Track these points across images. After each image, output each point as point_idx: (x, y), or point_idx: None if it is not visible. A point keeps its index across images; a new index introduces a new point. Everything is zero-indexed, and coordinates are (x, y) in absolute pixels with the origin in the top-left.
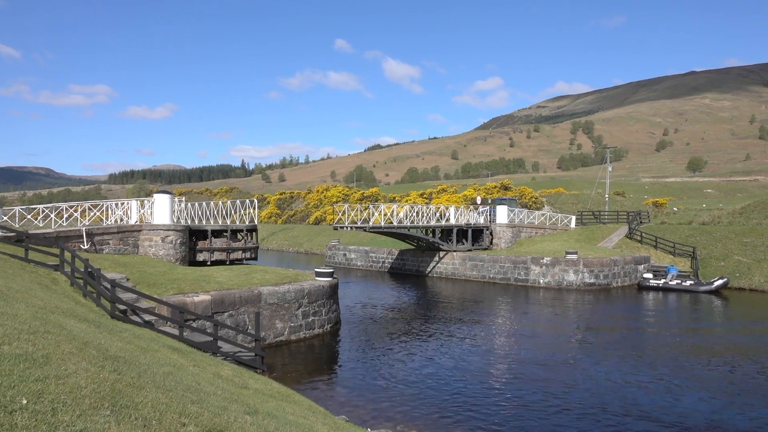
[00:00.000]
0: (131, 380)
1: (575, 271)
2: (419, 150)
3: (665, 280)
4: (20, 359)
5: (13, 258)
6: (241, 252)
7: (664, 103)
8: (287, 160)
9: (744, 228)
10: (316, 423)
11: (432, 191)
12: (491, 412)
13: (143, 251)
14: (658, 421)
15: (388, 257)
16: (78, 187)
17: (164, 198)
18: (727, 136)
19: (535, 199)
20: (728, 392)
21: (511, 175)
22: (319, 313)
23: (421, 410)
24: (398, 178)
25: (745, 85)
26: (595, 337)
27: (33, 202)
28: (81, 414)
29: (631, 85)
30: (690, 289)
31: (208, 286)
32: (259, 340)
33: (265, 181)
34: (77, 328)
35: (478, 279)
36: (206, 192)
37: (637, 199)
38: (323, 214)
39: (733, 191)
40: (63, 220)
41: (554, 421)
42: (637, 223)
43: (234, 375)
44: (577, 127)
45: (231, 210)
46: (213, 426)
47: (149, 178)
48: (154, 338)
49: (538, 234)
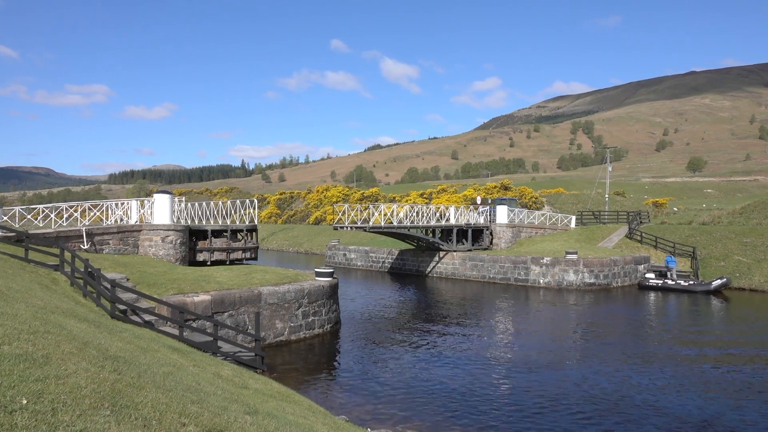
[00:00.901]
0: (131, 380)
1: (575, 271)
2: (419, 150)
3: (665, 279)
4: (20, 359)
5: (13, 258)
6: (241, 252)
7: (664, 103)
8: (287, 160)
9: (744, 228)
10: (316, 423)
11: (432, 191)
12: (491, 412)
13: (143, 251)
14: (659, 421)
15: (388, 257)
16: (78, 187)
17: (164, 198)
18: (727, 136)
19: (535, 199)
20: (728, 392)
21: (511, 175)
22: (319, 313)
23: (421, 410)
24: (398, 178)
25: (745, 85)
26: (595, 337)
27: (33, 202)
28: (81, 414)
29: (631, 85)
30: (689, 288)
31: (208, 286)
32: (259, 340)
33: (265, 181)
34: (77, 328)
35: (478, 279)
36: (206, 192)
37: (637, 199)
38: (323, 214)
39: (733, 191)
40: (63, 220)
41: (554, 421)
42: (637, 223)
43: (234, 375)
44: (577, 127)
45: (231, 210)
46: (213, 426)
47: (149, 178)
48: (154, 338)
49: (538, 234)
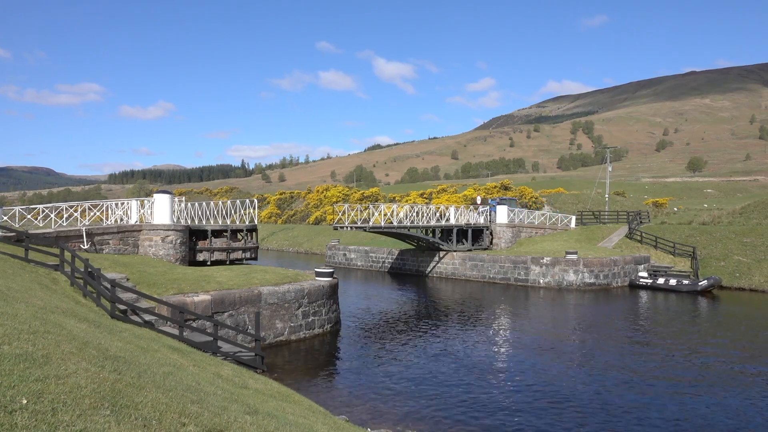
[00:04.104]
0: (131, 380)
1: (575, 271)
2: (419, 150)
3: (655, 279)
4: (20, 359)
5: (13, 258)
6: (241, 252)
7: (664, 103)
8: (287, 160)
9: (744, 228)
10: (316, 423)
11: (432, 191)
12: (491, 413)
13: (143, 251)
14: (658, 422)
15: (388, 257)
16: (78, 187)
17: (164, 198)
18: (727, 136)
19: (535, 199)
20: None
21: (511, 175)
22: (319, 313)
23: (421, 410)
24: (398, 178)
25: (745, 85)
26: (595, 338)
27: (33, 202)
28: (81, 414)
29: (631, 85)
30: (677, 288)
31: (208, 286)
32: (259, 340)
33: (265, 181)
34: (77, 328)
35: (478, 279)
36: (206, 192)
37: (637, 199)
38: (323, 214)
39: (733, 191)
40: (63, 220)
41: (555, 421)
42: (637, 223)
43: (234, 375)
44: (577, 127)
45: (231, 210)
46: (213, 426)
47: (149, 178)
48: (154, 338)
49: (538, 234)
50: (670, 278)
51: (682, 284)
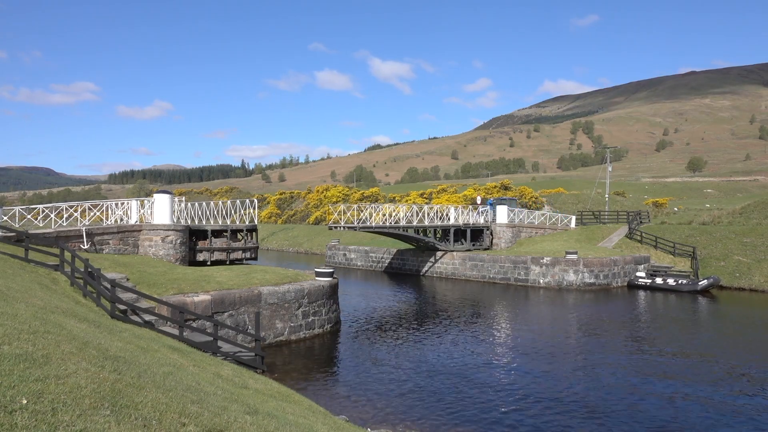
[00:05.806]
0: (131, 380)
1: (575, 271)
2: (419, 150)
3: (653, 279)
4: (20, 359)
5: (13, 258)
6: (241, 252)
7: (664, 103)
8: (287, 160)
9: (744, 228)
10: (316, 423)
11: (432, 191)
12: (492, 412)
13: (143, 251)
14: (658, 422)
15: (388, 257)
16: (78, 187)
17: (164, 198)
18: (727, 136)
19: (535, 199)
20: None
21: (511, 175)
22: (319, 313)
23: (421, 410)
24: (398, 178)
25: (745, 85)
26: (594, 338)
27: (33, 202)
28: (81, 414)
29: (630, 85)
30: (676, 288)
31: (208, 286)
32: (259, 340)
33: (265, 181)
34: (77, 328)
35: (478, 279)
36: (206, 192)
37: (637, 199)
38: (323, 214)
39: (733, 191)
40: (63, 220)
41: (555, 420)
42: (637, 223)
43: (234, 375)
44: (577, 127)
45: (231, 210)
46: (213, 426)
47: (149, 178)
48: (154, 338)
49: (538, 234)
50: (669, 278)
51: (682, 284)
